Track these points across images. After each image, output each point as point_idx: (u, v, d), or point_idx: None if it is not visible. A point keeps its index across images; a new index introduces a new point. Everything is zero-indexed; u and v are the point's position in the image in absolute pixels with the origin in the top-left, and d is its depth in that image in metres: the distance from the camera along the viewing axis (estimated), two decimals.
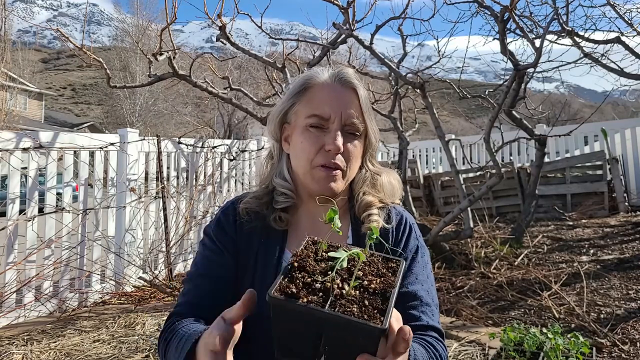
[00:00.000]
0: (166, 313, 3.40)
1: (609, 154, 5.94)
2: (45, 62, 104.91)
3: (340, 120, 0.96)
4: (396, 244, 1.01)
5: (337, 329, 0.60)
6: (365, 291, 0.65)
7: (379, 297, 0.64)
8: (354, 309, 0.60)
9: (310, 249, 0.72)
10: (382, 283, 0.67)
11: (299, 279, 0.64)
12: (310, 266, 0.67)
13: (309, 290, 0.62)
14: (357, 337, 0.60)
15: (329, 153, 0.95)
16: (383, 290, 0.65)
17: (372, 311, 0.61)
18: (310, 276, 0.65)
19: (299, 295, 0.61)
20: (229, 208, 1.06)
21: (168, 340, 0.88)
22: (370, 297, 0.64)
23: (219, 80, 5.64)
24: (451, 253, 4.35)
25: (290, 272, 0.65)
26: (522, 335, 2.40)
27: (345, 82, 1.00)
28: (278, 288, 0.62)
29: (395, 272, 0.71)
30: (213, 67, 5.30)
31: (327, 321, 0.59)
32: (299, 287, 0.62)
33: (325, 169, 0.96)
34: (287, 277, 0.64)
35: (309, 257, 0.69)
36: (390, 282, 0.68)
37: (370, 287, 0.65)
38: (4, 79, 16.06)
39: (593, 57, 4.37)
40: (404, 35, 5.38)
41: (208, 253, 1.02)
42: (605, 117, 19.00)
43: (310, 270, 0.66)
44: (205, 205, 4.97)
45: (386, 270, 0.71)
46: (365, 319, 0.59)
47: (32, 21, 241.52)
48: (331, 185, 0.97)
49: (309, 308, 0.59)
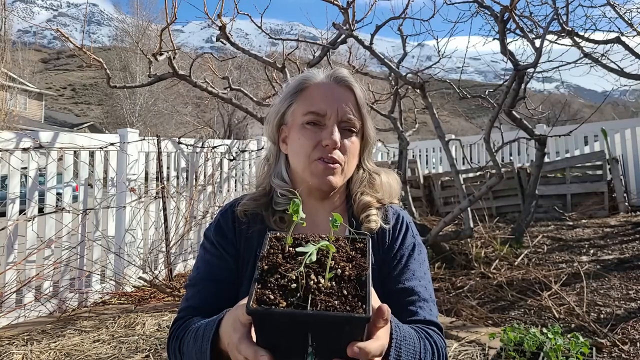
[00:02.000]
0: (166, 313, 3.40)
1: (609, 154, 5.94)
2: (45, 62, 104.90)
3: (337, 116, 0.98)
4: (393, 242, 1.02)
5: (323, 325, 0.60)
6: (341, 280, 0.64)
7: (356, 283, 0.64)
8: (334, 302, 0.60)
9: (276, 247, 0.70)
10: (355, 267, 0.67)
11: (273, 282, 0.63)
12: (281, 266, 0.65)
13: (285, 292, 0.61)
14: (344, 329, 0.61)
15: (327, 148, 0.96)
16: (358, 275, 0.65)
17: (353, 300, 0.61)
18: (283, 277, 0.63)
19: (277, 301, 0.60)
20: (228, 211, 1.07)
21: (180, 337, 0.89)
22: (347, 285, 0.63)
23: (219, 80, 5.65)
24: (451, 253, 4.35)
25: (262, 277, 0.64)
26: (522, 336, 2.40)
27: (341, 81, 1.02)
28: (255, 299, 0.60)
29: (364, 252, 0.71)
30: (213, 67, 5.30)
31: (311, 321, 0.59)
32: (275, 292, 0.61)
33: (322, 162, 0.97)
34: (261, 283, 0.63)
35: (277, 256, 0.68)
36: (361, 264, 0.68)
37: (345, 274, 0.65)
38: (4, 79, 16.07)
39: (593, 57, 4.37)
40: (404, 35, 5.38)
41: (209, 257, 1.02)
42: (605, 117, 19.00)
43: (282, 270, 0.64)
44: (205, 206, 4.97)
45: (355, 252, 0.71)
46: (348, 310, 0.59)
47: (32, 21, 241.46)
48: (330, 179, 0.97)
49: (291, 313, 0.59)
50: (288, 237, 0.71)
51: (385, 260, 1.00)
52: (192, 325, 0.89)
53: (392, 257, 1.00)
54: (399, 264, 0.99)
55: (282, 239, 0.72)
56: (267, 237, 0.73)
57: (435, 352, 0.86)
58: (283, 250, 0.70)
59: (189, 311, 0.97)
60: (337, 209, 1.07)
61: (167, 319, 3.27)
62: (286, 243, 0.70)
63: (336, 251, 0.70)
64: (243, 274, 1.00)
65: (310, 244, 0.67)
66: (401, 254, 1.01)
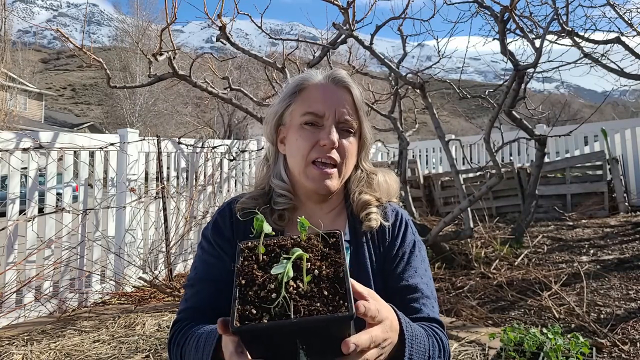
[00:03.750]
0: (166, 313, 3.40)
1: (609, 154, 5.94)
2: (45, 62, 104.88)
3: (335, 117, 0.98)
4: (393, 239, 1.03)
5: (309, 330, 0.60)
6: (320, 280, 0.64)
7: (334, 281, 0.64)
8: (317, 305, 0.60)
9: (249, 259, 0.70)
10: (331, 265, 0.67)
11: (252, 296, 0.62)
12: (258, 277, 0.65)
13: (267, 304, 0.60)
14: (331, 329, 0.61)
15: (324, 148, 0.96)
16: (335, 272, 0.65)
17: (334, 299, 0.61)
18: (262, 288, 0.63)
19: (261, 316, 0.59)
20: (225, 209, 1.07)
21: (181, 345, 0.90)
22: (326, 284, 0.64)
23: (219, 81, 5.64)
24: (451, 253, 4.34)
25: (241, 293, 0.63)
26: (522, 336, 2.40)
27: (339, 82, 1.02)
28: (237, 317, 0.60)
29: (337, 248, 0.71)
30: (213, 67, 5.30)
31: (298, 328, 0.59)
32: (256, 305, 0.61)
33: (319, 167, 0.97)
34: (241, 299, 0.62)
35: (252, 267, 0.67)
36: (337, 260, 0.68)
37: (322, 274, 0.65)
38: (4, 79, 16.07)
39: (593, 57, 4.37)
40: (404, 35, 5.38)
41: (207, 257, 1.03)
42: (605, 117, 19.02)
43: (260, 282, 0.64)
44: (205, 206, 4.97)
45: (328, 248, 0.71)
46: (331, 310, 0.59)
47: (32, 21, 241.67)
48: (326, 183, 0.98)
49: (275, 325, 0.58)
50: (260, 246, 0.70)
51: (387, 258, 1.01)
52: (193, 332, 0.89)
53: (393, 254, 1.01)
54: (401, 262, 1.00)
55: (254, 249, 0.71)
56: (239, 248, 0.72)
57: (441, 349, 0.88)
58: (257, 260, 0.69)
59: (188, 312, 0.98)
60: (336, 209, 1.08)
61: (167, 319, 3.26)
62: (259, 252, 0.70)
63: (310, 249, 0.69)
64: None
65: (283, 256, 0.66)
66: (403, 251, 1.01)
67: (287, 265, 0.62)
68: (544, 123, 7.86)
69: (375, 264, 1.00)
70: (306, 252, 0.67)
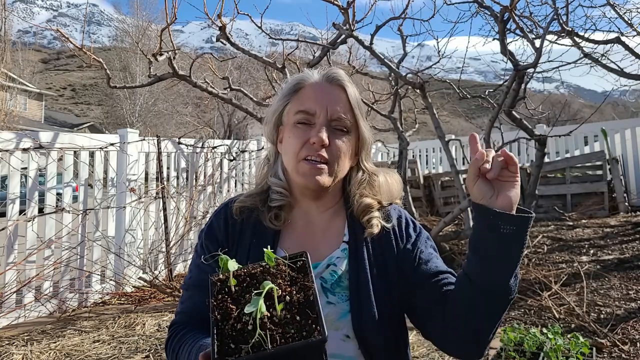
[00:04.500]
0: (166, 313, 3.40)
1: (609, 154, 5.94)
2: (45, 63, 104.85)
3: (326, 115, 0.98)
4: (401, 238, 1.03)
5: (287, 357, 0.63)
6: (292, 306, 0.67)
7: (305, 305, 0.67)
8: (292, 332, 0.63)
9: (222, 292, 0.71)
10: (301, 289, 0.69)
11: (229, 330, 0.64)
12: (233, 311, 0.67)
13: (244, 335, 0.63)
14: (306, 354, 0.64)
15: (314, 146, 0.96)
16: (305, 297, 0.68)
17: (307, 324, 0.64)
18: (239, 321, 0.65)
19: (239, 349, 0.62)
20: (222, 211, 1.08)
21: (176, 351, 0.93)
22: (298, 309, 0.66)
23: (219, 81, 5.64)
24: (451, 253, 4.35)
25: (219, 328, 0.65)
26: (522, 336, 2.40)
27: (333, 80, 1.02)
28: (217, 351, 0.62)
29: (305, 271, 0.73)
30: (213, 68, 5.30)
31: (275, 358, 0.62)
32: (234, 338, 0.63)
33: (309, 162, 0.97)
34: (219, 334, 0.64)
35: (226, 302, 0.69)
36: (305, 283, 0.70)
37: (294, 299, 0.68)
38: (4, 79, 16.07)
39: (593, 57, 4.37)
40: (404, 35, 5.37)
41: (199, 261, 1.03)
42: (605, 117, 19.02)
43: (236, 315, 0.66)
44: (205, 206, 4.97)
45: (296, 272, 0.73)
46: (305, 336, 0.62)
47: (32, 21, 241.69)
48: (317, 179, 0.97)
49: (254, 357, 0.61)
50: (231, 279, 0.72)
51: (405, 257, 1.01)
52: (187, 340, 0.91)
53: (410, 251, 1.02)
54: (422, 254, 1.02)
55: (225, 281, 0.73)
56: (211, 281, 0.73)
57: None
58: (230, 292, 0.71)
59: (183, 316, 1.01)
60: (332, 208, 1.07)
61: (167, 319, 3.27)
62: (231, 285, 0.71)
63: (279, 276, 0.72)
64: None
65: (253, 292, 0.68)
66: (419, 244, 1.03)
67: (259, 301, 0.64)
68: (544, 123, 7.86)
69: (374, 266, 1.00)
70: (275, 278, 0.70)
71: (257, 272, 0.73)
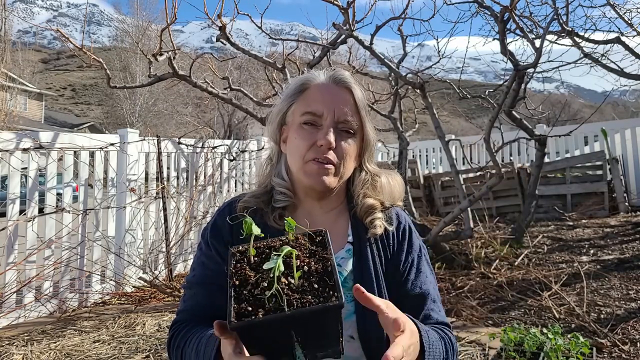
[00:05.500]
0: (166, 313, 3.40)
1: (609, 154, 5.95)
2: (45, 63, 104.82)
3: (333, 117, 0.98)
4: (399, 244, 1.03)
5: (304, 321, 0.63)
6: (310, 275, 0.68)
7: (323, 274, 0.68)
8: (308, 297, 0.64)
9: (241, 261, 0.73)
10: (319, 260, 0.71)
11: (247, 295, 0.65)
12: (250, 277, 0.68)
13: (261, 300, 0.64)
14: (323, 318, 0.65)
15: (321, 148, 0.96)
16: (323, 267, 0.69)
17: (325, 291, 0.65)
18: (256, 287, 0.66)
19: (256, 312, 0.63)
20: (225, 210, 1.07)
21: (181, 347, 0.92)
22: (316, 278, 0.67)
23: (219, 81, 5.64)
24: (451, 253, 4.34)
25: (236, 293, 0.66)
26: (522, 336, 2.40)
27: (340, 82, 1.02)
28: (234, 315, 0.63)
29: (324, 245, 0.74)
30: (213, 68, 5.30)
31: (292, 320, 0.62)
32: (251, 303, 0.64)
33: (317, 162, 0.97)
34: (236, 298, 0.65)
35: (244, 269, 0.70)
36: (324, 256, 0.71)
37: (312, 269, 0.69)
38: (4, 79, 16.07)
39: (593, 57, 4.37)
40: (404, 35, 5.37)
41: (204, 259, 1.03)
42: (605, 117, 19.02)
43: (253, 281, 0.67)
44: (205, 206, 4.97)
45: (315, 246, 0.75)
46: (322, 301, 0.63)
47: (32, 21, 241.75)
48: (323, 179, 0.97)
49: (271, 318, 0.62)
50: (250, 248, 0.74)
51: (394, 264, 1.01)
52: (193, 334, 0.91)
53: (403, 261, 1.01)
54: (412, 268, 1.01)
55: (245, 252, 0.75)
56: (230, 252, 0.75)
57: (450, 350, 0.92)
58: (249, 261, 0.72)
59: (185, 314, 0.99)
60: (336, 209, 1.07)
61: (167, 319, 3.27)
62: (250, 254, 0.73)
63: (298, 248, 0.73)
64: None
65: (273, 253, 0.70)
66: (412, 257, 1.02)
67: (277, 261, 0.65)
68: (544, 123, 7.86)
69: (379, 267, 1.00)
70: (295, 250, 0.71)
71: (277, 245, 0.75)
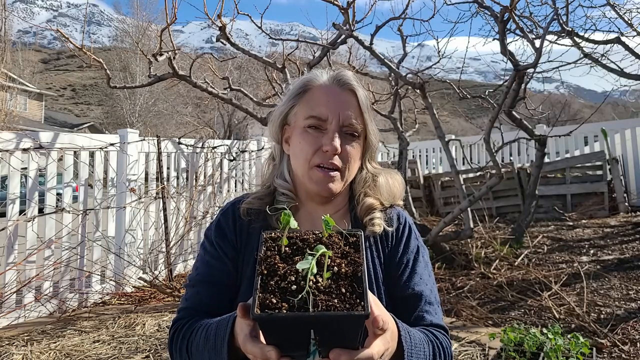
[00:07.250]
0: (166, 313, 3.40)
1: (609, 154, 5.95)
2: (45, 63, 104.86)
3: (338, 121, 0.97)
4: (397, 245, 1.03)
5: (325, 324, 0.63)
6: (339, 277, 0.66)
7: (352, 279, 0.66)
8: (334, 301, 0.62)
9: (272, 248, 0.72)
10: (350, 263, 0.69)
11: (273, 285, 0.64)
12: (280, 268, 0.67)
13: (286, 294, 0.63)
14: (345, 325, 0.64)
15: (327, 154, 0.96)
16: (354, 271, 0.67)
17: (351, 297, 0.63)
18: (283, 279, 0.65)
19: (280, 305, 0.62)
20: (229, 210, 1.07)
21: (187, 337, 0.91)
22: (345, 282, 0.66)
23: (219, 81, 5.65)
24: (451, 253, 4.34)
25: (263, 281, 0.65)
26: (522, 336, 2.40)
27: (344, 84, 1.01)
28: (258, 304, 0.62)
29: (357, 247, 0.72)
30: (213, 68, 5.31)
31: (315, 321, 0.62)
32: (276, 295, 0.63)
33: (322, 169, 0.97)
34: (262, 287, 0.64)
35: (274, 258, 0.69)
36: (356, 259, 0.69)
37: (342, 271, 0.67)
38: (4, 80, 16.06)
39: (593, 58, 4.38)
40: (404, 35, 5.38)
41: (208, 258, 1.03)
42: (605, 117, 19.03)
43: (282, 273, 0.66)
44: (205, 206, 4.97)
45: (349, 247, 0.73)
46: (348, 308, 0.62)
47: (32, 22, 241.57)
48: (329, 186, 0.97)
49: (294, 316, 0.61)
50: (283, 238, 0.72)
51: (391, 264, 1.00)
52: (200, 324, 0.89)
53: (397, 261, 1.01)
54: (406, 269, 1.00)
55: (277, 239, 0.73)
56: (262, 237, 0.74)
57: (439, 354, 0.89)
58: (279, 251, 0.71)
59: (188, 312, 0.98)
60: (340, 211, 1.07)
61: (167, 319, 3.26)
62: (282, 244, 0.72)
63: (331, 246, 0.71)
64: (243, 273, 1.00)
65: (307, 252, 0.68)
66: (407, 258, 1.01)
67: (312, 262, 0.64)
68: (544, 123, 7.87)
69: (378, 267, 1.00)
70: (327, 249, 0.69)
71: (310, 239, 0.73)
